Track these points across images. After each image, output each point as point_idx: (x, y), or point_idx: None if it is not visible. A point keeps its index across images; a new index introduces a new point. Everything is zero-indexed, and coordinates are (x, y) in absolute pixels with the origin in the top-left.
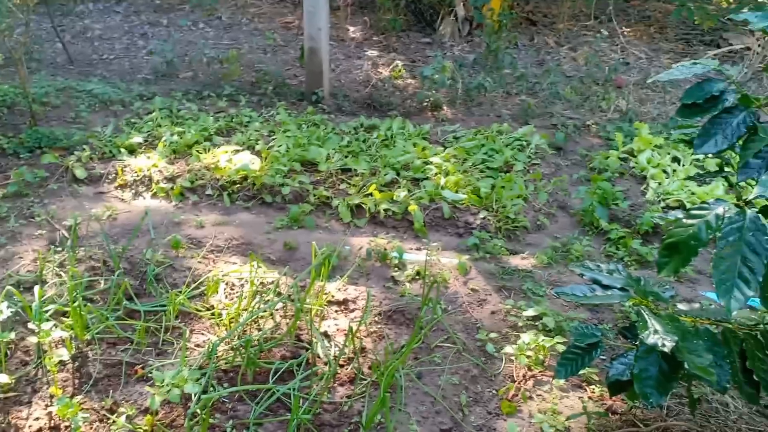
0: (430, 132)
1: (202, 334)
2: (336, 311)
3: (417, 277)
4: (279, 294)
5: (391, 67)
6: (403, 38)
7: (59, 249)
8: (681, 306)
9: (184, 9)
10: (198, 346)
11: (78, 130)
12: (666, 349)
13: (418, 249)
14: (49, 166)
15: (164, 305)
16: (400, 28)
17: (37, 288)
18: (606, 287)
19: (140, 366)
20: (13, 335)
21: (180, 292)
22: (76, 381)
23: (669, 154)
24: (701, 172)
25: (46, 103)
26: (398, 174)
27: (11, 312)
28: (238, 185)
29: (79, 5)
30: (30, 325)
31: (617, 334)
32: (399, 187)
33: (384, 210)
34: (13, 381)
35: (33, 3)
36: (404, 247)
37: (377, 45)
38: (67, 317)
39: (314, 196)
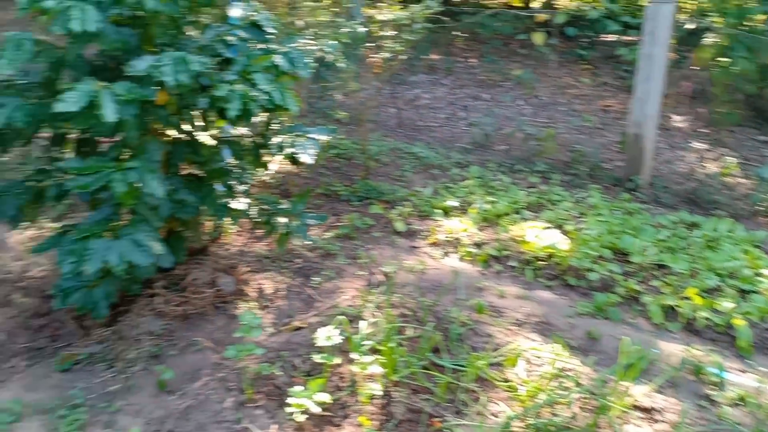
0: (765, 240)
1: (496, 403)
2: (639, 418)
3: (740, 402)
4: (579, 384)
5: (720, 162)
6: (736, 133)
7: (375, 291)
8: None
9: (504, 86)
10: (493, 415)
11: (401, 187)
12: None
13: (741, 370)
14: (374, 216)
15: (464, 366)
16: (735, 123)
17: (362, 323)
18: None
19: (439, 420)
20: (339, 360)
21: (480, 356)
22: (382, 417)
23: None
24: None
25: (377, 159)
26: (722, 281)
27: (341, 339)
28: (543, 262)
29: (412, 76)
30: (350, 355)
31: None
32: (722, 295)
33: (703, 318)
34: (332, 402)
35: (389, 74)
36: (724, 365)
37: (705, 137)
38: (378, 355)
39: (623, 287)
